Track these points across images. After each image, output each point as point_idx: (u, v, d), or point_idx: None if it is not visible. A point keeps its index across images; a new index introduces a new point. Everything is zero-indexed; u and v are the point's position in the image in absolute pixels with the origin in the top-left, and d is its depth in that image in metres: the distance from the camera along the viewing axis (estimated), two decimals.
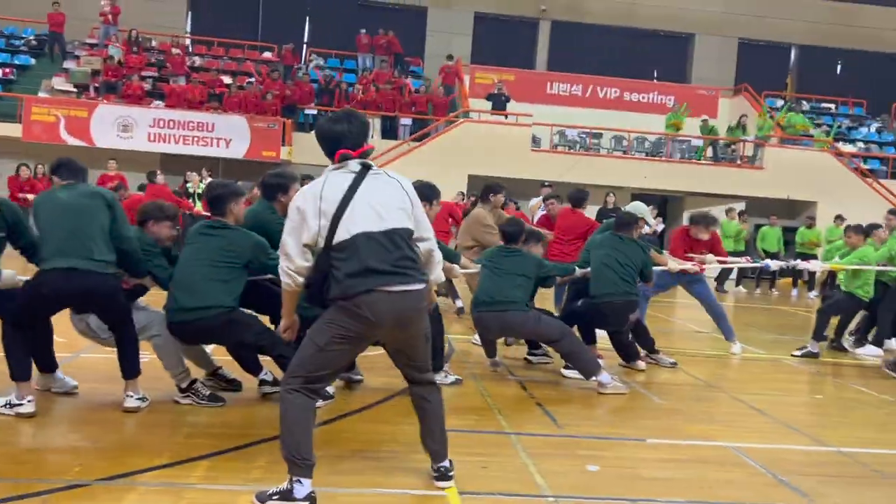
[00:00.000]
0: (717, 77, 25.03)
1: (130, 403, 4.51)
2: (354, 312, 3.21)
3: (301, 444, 3.25)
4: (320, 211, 3.24)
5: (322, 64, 22.35)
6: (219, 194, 4.70)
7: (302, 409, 3.29)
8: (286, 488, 3.26)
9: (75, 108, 17.70)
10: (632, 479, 3.95)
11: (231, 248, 4.52)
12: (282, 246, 3.39)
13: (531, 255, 6.05)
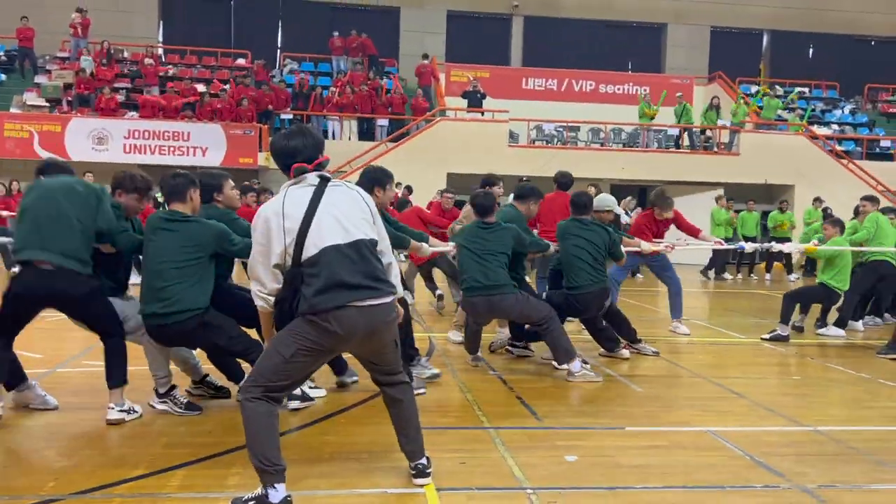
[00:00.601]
0: (691, 65, 25.20)
1: (112, 416, 4.46)
2: (324, 327, 3.20)
3: (268, 450, 3.22)
4: (285, 229, 3.22)
5: (297, 68, 22.30)
6: (176, 183, 4.62)
7: (265, 415, 3.24)
8: (261, 494, 3.25)
9: (49, 123, 17.57)
10: (610, 467, 3.97)
11: (192, 244, 4.47)
12: (251, 270, 3.38)
13: (511, 228, 6.03)
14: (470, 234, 6.04)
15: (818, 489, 3.71)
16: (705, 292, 13.35)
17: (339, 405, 5.02)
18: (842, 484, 3.80)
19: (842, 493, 3.69)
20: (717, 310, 11.15)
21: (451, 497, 3.51)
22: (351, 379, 5.49)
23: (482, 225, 6.03)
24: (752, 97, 22.62)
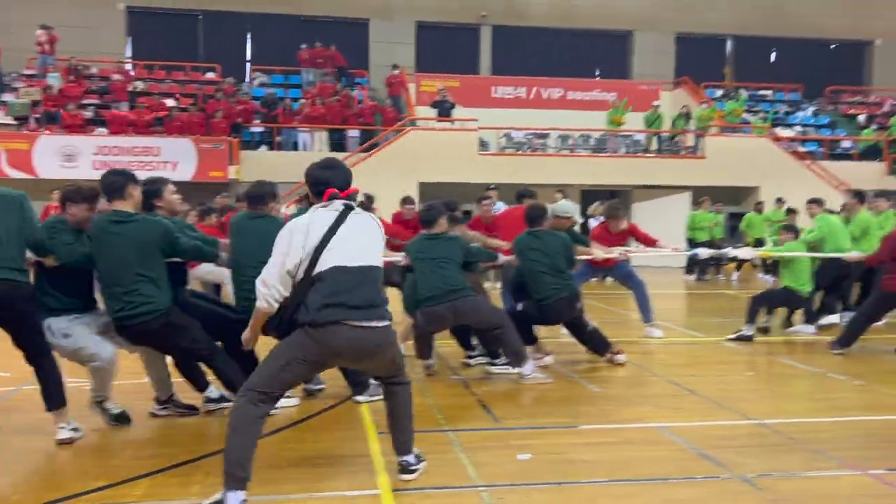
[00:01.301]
0: (657, 71, 25.58)
1: (63, 435, 4.48)
2: (318, 340, 3.45)
3: (243, 457, 3.39)
4: (305, 244, 3.49)
5: (266, 81, 22.37)
6: (113, 180, 4.64)
7: (252, 421, 3.45)
8: (219, 499, 3.38)
9: (16, 141, 17.47)
10: (560, 463, 4.13)
11: (140, 242, 4.53)
12: (265, 272, 3.57)
13: (456, 238, 6.15)
14: (419, 246, 6.12)
15: (756, 478, 3.90)
16: (673, 294, 13.61)
17: (304, 412, 5.14)
18: (779, 472, 3.99)
19: (778, 480, 3.88)
20: (683, 310, 11.40)
21: (407, 497, 3.66)
22: (318, 387, 5.62)
23: (429, 237, 6.10)
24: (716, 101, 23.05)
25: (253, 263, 4.94)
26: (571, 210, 7.39)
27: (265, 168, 18.75)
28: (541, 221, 6.67)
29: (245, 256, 5.12)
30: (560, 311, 6.56)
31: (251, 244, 5.06)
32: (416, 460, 3.90)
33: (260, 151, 19.41)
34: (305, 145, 19.60)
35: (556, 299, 6.43)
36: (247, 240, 5.15)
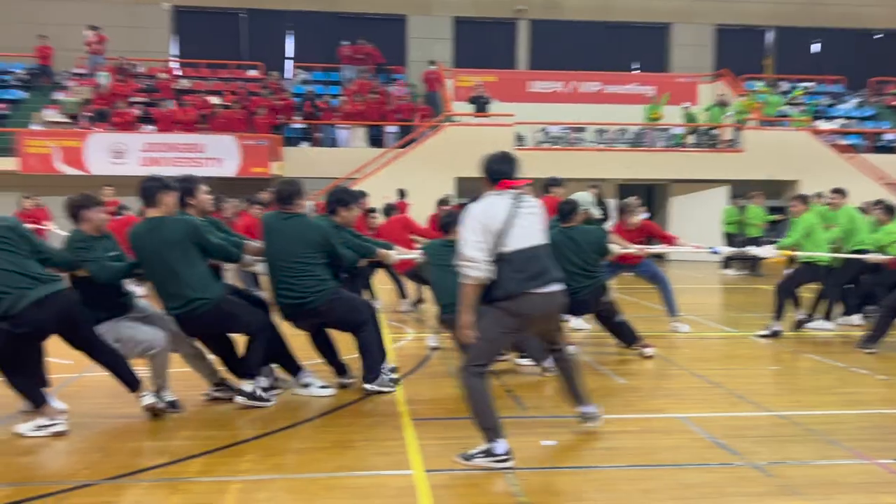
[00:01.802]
0: (696, 64, 25.47)
1: (147, 400, 4.88)
2: (514, 311, 4.07)
3: (490, 414, 4.10)
4: (489, 226, 4.03)
5: (307, 78, 22.83)
6: (148, 187, 4.98)
7: (483, 388, 4.13)
8: (487, 448, 4.06)
9: (68, 139, 18.19)
10: (582, 450, 4.41)
11: (175, 241, 4.85)
12: (466, 251, 4.04)
13: None
14: (436, 251, 6.16)
15: (768, 465, 4.12)
16: (707, 289, 13.69)
17: (343, 400, 5.47)
18: (791, 461, 4.21)
19: (789, 468, 4.10)
20: (716, 306, 11.52)
21: (437, 477, 3.96)
22: (349, 380, 5.90)
23: (446, 243, 6.14)
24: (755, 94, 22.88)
25: (287, 262, 5.30)
26: (585, 203, 7.38)
27: (306, 164, 19.24)
28: (572, 217, 6.80)
29: (278, 256, 5.35)
30: (587, 305, 6.78)
31: (284, 243, 5.32)
32: (596, 409, 4.63)
33: (301, 147, 19.87)
34: (344, 141, 20.03)
35: (582, 294, 6.57)
36: (280, 239, 5.37)
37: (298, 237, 5.34)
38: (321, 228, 5.47)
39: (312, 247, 5.36)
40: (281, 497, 3.71)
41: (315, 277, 5.34)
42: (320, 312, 5.42)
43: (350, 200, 5.88)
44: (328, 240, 5.41)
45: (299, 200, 5.54)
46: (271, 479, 3.95)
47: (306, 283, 5.32)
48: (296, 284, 5.32)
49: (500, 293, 4.03)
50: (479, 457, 4.09)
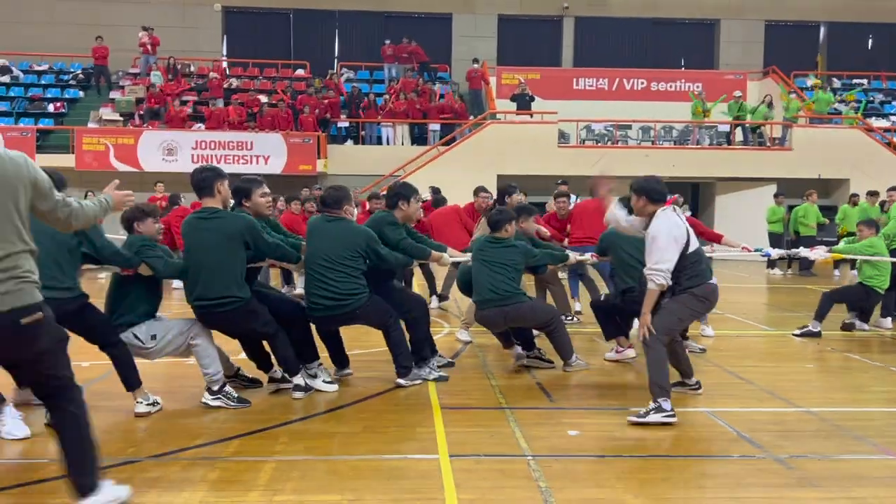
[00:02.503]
0: (746, 61, 25.09)
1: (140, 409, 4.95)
2: (704, 297, 5.00)
3: (666, 376, 4.87)
4: (680, 240, 4.87)
5: (352, 77, 23.15)
6: (204, 177, 5.06)
7: (665, 357, 4.92)
8: (657, 406, 4.76)
9: (123, 136, 18.82)
10: (605, 440, 4.49)
11: (226, 236, 4.94)
12: (662, 267, 4.83)
13: (520, 246, 6.26)
14: (480, 247, 6.20)
15: (789, 458, 4.15)
16: (747, 287, 13.54)
17: (371, 391, 5.63)
18: (813, 454, 4.23)
19: (810, 461, 4.13)
20: (759, 305, 11.40)
21: (462, 461, 4.09)
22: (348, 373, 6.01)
23: (492, 240, 6.17)
24: (806, 90, 22.44)
25: (326, 263, 5.40)
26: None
27: (351, 161, 19.57)
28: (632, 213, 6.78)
29: (319, 257, 5.43)
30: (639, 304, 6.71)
31: (326, 245, 5.41)
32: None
33: (346, 145, 20.20)
34: (388, 139, 20.28)
35: (639, 291, 6.55)
36: (322, 240, 5.46)
37: (341, 239, 5.41)
38: (365, 232, 5.52)
39: (354, 250, 5.41)
40: (312, 476, 3.88)
41: (354, 281, 5.41)
42: (355, 316, 5.50)
43: (410, 194, 5.95)
44: (370, 244, 5.47)
45: (347, 206, 5.59)
46: (303, 459, 4.13)
47: (344, 286, 5.38)
48: (334, 286, 5.37)
49: (694, 282, 4.91)
50: (651, 413, 4.77)
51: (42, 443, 4.41)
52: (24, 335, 3.03)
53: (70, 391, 3.26)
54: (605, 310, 6.82)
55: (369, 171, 18.98)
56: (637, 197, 5.07)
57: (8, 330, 2.98)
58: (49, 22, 23.43)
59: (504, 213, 6.33)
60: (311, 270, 5.52)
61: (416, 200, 6.08)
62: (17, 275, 2.99)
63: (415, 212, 6.14)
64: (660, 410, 4.76)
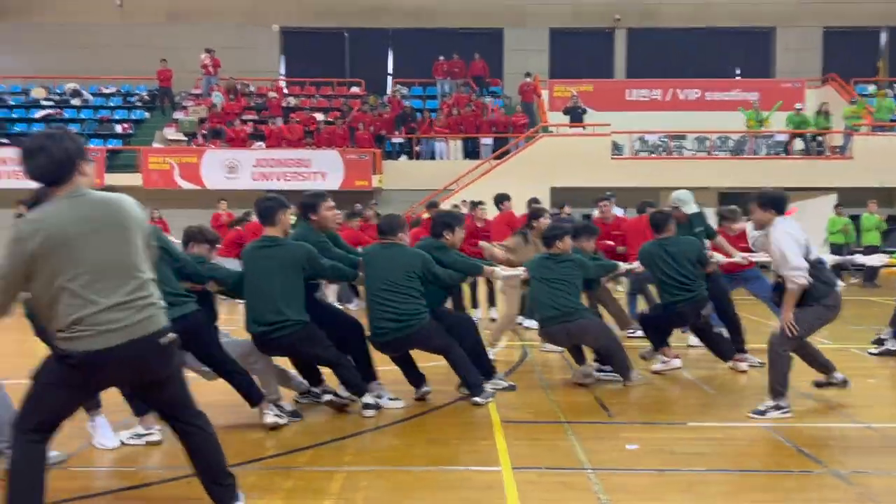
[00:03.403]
0: (802, 68, 24.67)
1: (268, 419, 5.16)
2: (831, 305, 5.23)
3: (787, 379, 5.30)
4: (800, 241, 5.17)
5: (406, 93, 23.54)
6: (268, 206, 5.27)
7: (788, 361, 5.32)
8: (776, 403, 5.24)
9: (187, 155, 19.50)
10: (664, 454, 4.58)
11: (287, 265, 5.11)
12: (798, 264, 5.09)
13: (575, 260, 6.35)
14: (538, 265, 6.35)
15: (850, 474, 4.18)
16: None
17: (438, 402, 5.82)
18: (875, 471, 4.25)
19: (871, 478, 4.15)
20: None
21: (523, 474, 4.23)
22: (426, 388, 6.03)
23: (547, 256, 6.34)
24: (866, 97, 21.96)
25: (386, 288, 5.55)
26: (680, 200, 7.29)
27: (406, 176, 19.89)
28: (665, 227, 6.76)
29: (378, 282, 5.59)
30: (684, 316, 6.76)
31: (384, 270, 5.57)
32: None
33: (400, 161, 20.55)
34: (442, 154, 20.56)
35: (680, 305, 6.60)
36: (380, 267, 5.61)
37: (398, 264, 5.58)
38: (421, 254, 5.70)
39: (412, 273, 5.57)
40: (379, 485, 4.08)
41: (415, 302, 5.57)
42: (419, 338, 5.63)
43: (455, 224, 6.14)
44: (426, 266, 5.64)
45: (401, 233, 5.78)
46: (371, 470, 4.33)
47: (407, 307, 5.53)
48: (397, 308, 5.52)
49: (822, 291, 5.17)
50: (771, 410, 5.23)
51: (132, 452, 4.71)
52: (164, 356, 3.33)
53: (195, 408, 3.54)
54: (651, 322, 6.91)
55: (423, 185, 19.26)
56: (764, 209, 5.32)
57: (152, 352, 3.27)
58: (116, 46, 24.42)
59: (558, 228, 6.47)
60: (373, 297, 5.65)
61: (460, 229, 6.24)
62: (153, 301, 3.29)
63: (460, 240, 6.27)
64: (778, 408, 5.26)
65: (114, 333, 3.17)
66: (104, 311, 3.15)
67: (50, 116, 22.22)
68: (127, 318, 3.20)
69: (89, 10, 24.61)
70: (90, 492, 4.04)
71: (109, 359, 3.19)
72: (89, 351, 3.16)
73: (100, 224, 3.19)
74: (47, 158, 3.14)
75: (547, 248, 6.38)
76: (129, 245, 3.25)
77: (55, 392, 3.25)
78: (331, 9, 25.03)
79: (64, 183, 3.18)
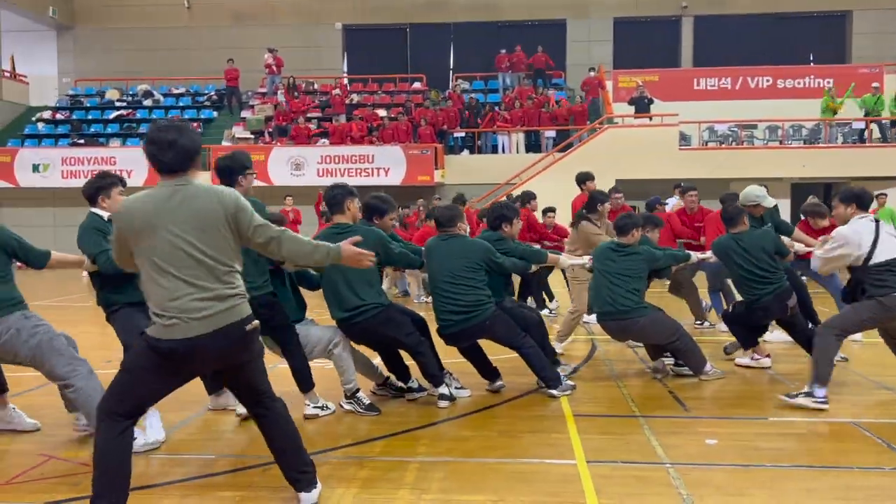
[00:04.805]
0: (880, 53, 23.62)
1: (308, 411, 5.26)
2: (889, 307, 5.13)
3: (828, 365, 5.24)
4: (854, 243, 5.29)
5: (468, 87, 23.49)
6: (335, 195, 5.35)
7: (834, 348, 5.31)
8: (809, 391, 5.18)
9: (254, 153, 19.76)
10: (745, 449, 4.43)
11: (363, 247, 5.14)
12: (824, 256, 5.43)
13: (642, 252, 6.17)
14: (602, 254, 6.24)
15: None
16: None
17: (501, 398, 5.77)
18: None
19: None
20: None
21: (599, 468, 4.16)
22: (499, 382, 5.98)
23: (615, 247, 6.21)
24: None
25: (449, 279, 5.54)
26: (755, 196, 7.05)
27: (468, 171, 19.88)
28: (738, 221, 6.52)
29: (441, 274, 5.58)
30: (769, 311, 6.40)
31: (446, 262, 5.56)
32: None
33: (462, 155, 20.53)
34: (504, 147, 20.45)
35: (763, 300, 6.31)
36: (442, 258, 5.60)
37: (460, 255, 5.56)
38: (482, 244, 5.68)
39: (475, 263, 5.54)
40: (454, 477, 4.06)
41: (479, 292, 5.53)
42: (484, 328, 5.59)
43: (512, 216, 6.08)
44: (489, 255, 5.60)
45: (460, 223, 5.75)
46: (445, 461, 4.32)
47: (470, 297, 5.50)
48: (460, 299, 5.50)
49: (880, 292, 5.12)
50: (801, 396, 5.20)
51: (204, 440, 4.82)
52: (248, 342, 3.42)
53: (272, 394, 3.60)
54: (735, 320, 6.69)
55: (486, 179, 19.22)
56: (846, 205, 5.42)
57: (238, 339, 3.36)
58: (185, 48, 25.08)
59: (632, 217, 6.34)
60: (436, 290, 5.65)
61: (518, 220, 6.19)
62: (236, 292, 3.35)
63: (517, 231, 6.23)
64: (810, 396, 5.18)
65: (198, 322, 3.24)
66: (184, 299, 3.23)
67: (123, 117, 22.97)
68: (209, 307, 3.26)
69: (158, 13, 25.32)
70: (168, 479, 4.13)
71: (195, 348, 3.26)
72: (175, 339, 3.23)
73: (186, 213, 3.26)
74: (174, 153, 3.29)
75: (619, 237, 6.25)
76: (212, 235, 3.29)
77: (145, 378, 3.33)
78: (391, 4, 25.17)
79: (180, 173, 3.32)
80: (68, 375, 4.48)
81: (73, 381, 4.47)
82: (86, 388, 4.46)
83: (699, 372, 6.17)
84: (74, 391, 4.48)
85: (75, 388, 4.47)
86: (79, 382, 4.47)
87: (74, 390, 4.48)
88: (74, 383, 4.47)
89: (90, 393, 4.42)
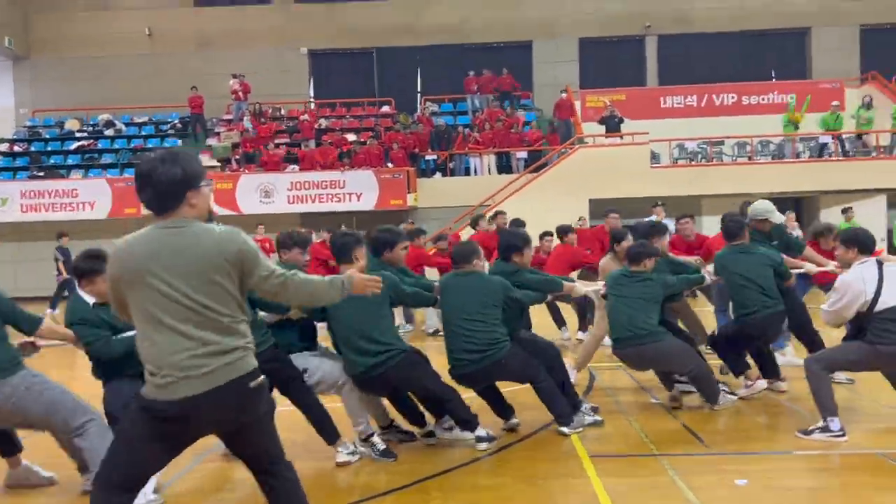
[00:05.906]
0: (840, 69, 24.06)
1: (340, 458, 4.93)
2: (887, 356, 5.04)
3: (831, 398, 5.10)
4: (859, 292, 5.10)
5: (436, 110, 23.31)
6: (344, 242, 5.05)
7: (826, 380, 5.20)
8: (824, 425, 5.02)
9: (221, 181, 19.39)
10: (780, 489, 4.20)
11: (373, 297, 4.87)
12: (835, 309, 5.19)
13: (657, 278, 6.01)
14: (615, 281, 6.05)
15: None
16: None
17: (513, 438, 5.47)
18: None
19: None
20: None
21: None
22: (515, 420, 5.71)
23: (628, 273, 6.03)
24: None
25: (465, 317, 5.26)
26: (764, 211, 6.86)
27: (440, 194, 19.63)
28: (739, 235, 6.39)
29: (457, 312, 5.32)
30: (766, 327, 6.23)
31: (463, 300, 5.29)
32: None
33: (435, 178, 20.29)
34: (476, 169, 20.27)
35: (763, 314, 6.12)
36: (458, 296, 5.34)
37: (477, 293, 5.31)
38: (499, 281, 5.43)
39: (492, 301, 5.30)
40: None
41: (495, 330, 5.28)
42: (500, 367, 5.32)
43: (522, 245, 5.83)
44: (507, 292, 5.37)
45: (476, 259, 5.52)
46: None
47: (487, 336, 5.24)
48: (477, 338, 5.24)
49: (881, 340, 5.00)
50: (817, 432, 5.06)
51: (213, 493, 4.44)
52: (251, 400, 3.04)
53: (283, 461, 3.22)
54: (724, 344, 6.47)
55: (459, 202, 18.98)
56: (847, 248, 5.29)
57: (239, 397, 2.99)
58: (147, 76, 24.53)
59: (644, 246, 6.11)
60: (451, 328, 5.38)
61: (529, 249, 5.93)
62: (242, 344, 3.00)
63: (529, 259, 5.97)
64: (826, 430, 5.03)
65: (198, 380, 2.90)
66: (182, 354, 2.89)
67: (84, 148, 22.33)
68: (209, 363, 2.92)
69: (119, 41, 24.74)
70: None
71: (190, 409, 2.91)
72: (172, 400, 2.89)
73: (178, 261, 2.92)
74: (152, 190, 2.97)
75: (633, 266, 6.03)
76: (208, 285, 2.96)
77: (137, 444, 2.98)
78: (357, 28, 24.96)
79: (167, 213, 2.99)
80: (84, 425, 4.40)
81: (88, 428, 4.39)
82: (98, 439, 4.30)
83: (713, 402, 5.93)
84: (88, 439, 4.36)
85: (88, 436, 4.37)
86: (92, 428, 4.40)
87: (88, 438, 4.37)
88: (88, 428, 4.39)
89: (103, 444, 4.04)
